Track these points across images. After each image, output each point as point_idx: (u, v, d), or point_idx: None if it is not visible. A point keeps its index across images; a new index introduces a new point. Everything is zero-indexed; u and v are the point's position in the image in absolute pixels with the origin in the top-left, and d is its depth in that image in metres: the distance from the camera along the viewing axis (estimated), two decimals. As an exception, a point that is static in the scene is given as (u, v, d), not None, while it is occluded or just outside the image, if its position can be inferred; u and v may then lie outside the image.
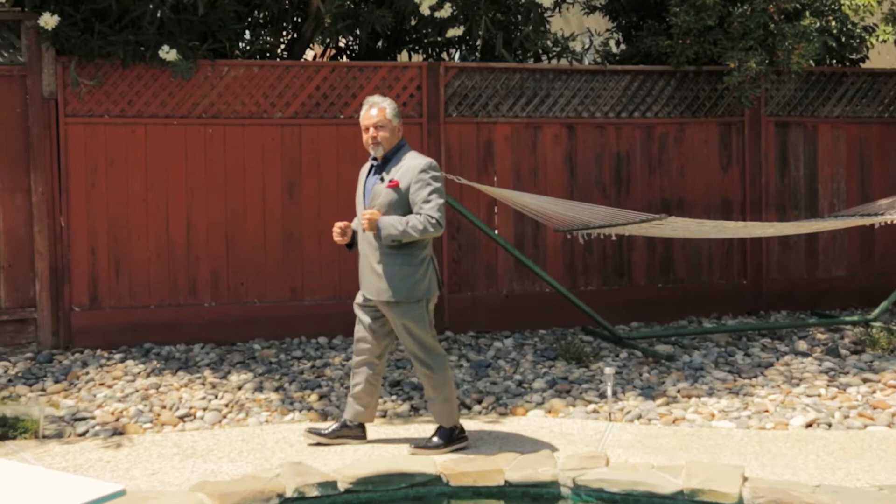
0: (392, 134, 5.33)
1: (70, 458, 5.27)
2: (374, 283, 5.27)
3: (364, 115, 5.35)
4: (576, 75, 8.22)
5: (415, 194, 5.21)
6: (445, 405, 5.44)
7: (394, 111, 5.35)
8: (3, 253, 7.19)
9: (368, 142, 5.31)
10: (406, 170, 5.25)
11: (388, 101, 5.38)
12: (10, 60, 7.21)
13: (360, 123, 5.38)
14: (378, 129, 5.28)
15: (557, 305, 7.91)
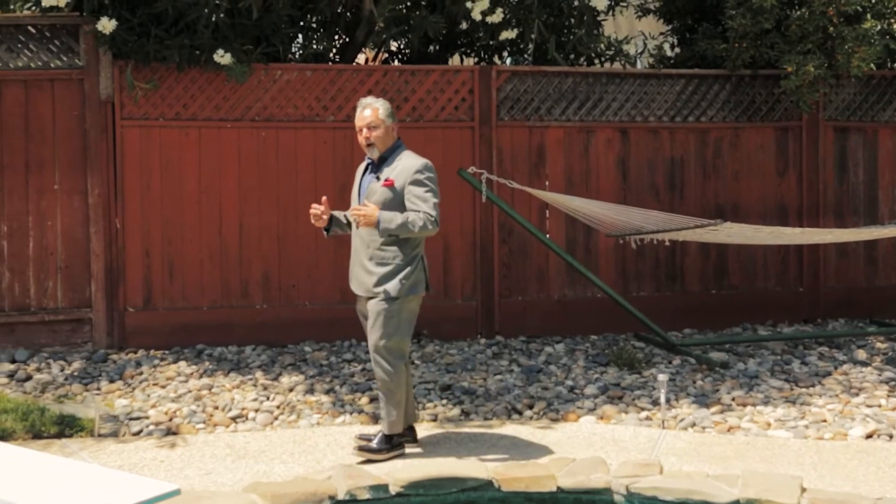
0: (386, 134, 5.33)
1: (125, 456, 5.32)
2: (362, 278, 5.29)
3: (357, 116, 5.37)
4: (629, 79, 8.15)
5: (410, 193, 5.22)
6: (391, 412, 5.37)
7: (387, 112, 5.34)
8: (61, 254, 7.29)
9: (363, 143, 5.33)
10: (402, 169, 5.26)
11: (382, 101, 5.38)
12: (69, 64, 7.31)
13: (355, 125, 5.39)
14: (371, 130, 5.29)
15: (609, 311, 7.83)
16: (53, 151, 7.28)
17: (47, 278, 7.27)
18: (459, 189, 7.77)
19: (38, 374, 6.70)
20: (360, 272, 5.32)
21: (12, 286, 7.21)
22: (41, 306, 7.25)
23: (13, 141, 7.21)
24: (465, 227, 7.88)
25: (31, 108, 7.25)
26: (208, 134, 7.52)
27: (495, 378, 6.82)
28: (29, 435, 5.56)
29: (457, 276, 7.89)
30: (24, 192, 7.24)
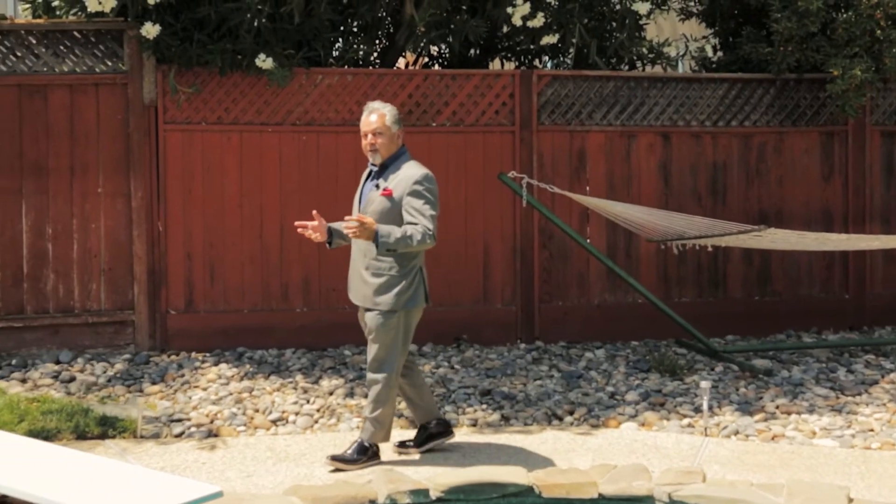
0: (391, 141, 5.27)
1: (167, 458, 5.35)
2: (360, 289, 5.25)
3: (363, 121, 5.30)
4: (671, 83, 8.08)
5: (409, 205, 5.13)
6: (379, 422, 5.31)
7: (394, 118, 5.28)
8: (104, 256, 7.36)
9: (366, 148, 5.28)
10: (402, 179, 5.18)
11: (389, 107, 5.32)
12: (113, 69, 7.39)
13: (360, 129, 5.33)
14: (376, 136, 5.23)
15: (650, 316, 7.77)
16: (97, 155, 7.36)
17: (91, 280, 7.34)
18: (499, 194, 7.76)
19: (81, 375, 6.77)
20: (357, 282, 5.27)
21: (57, 288, 7.29)
22: (85, 308, 7.32)
23: (58, 144, 7.30)
24: (506, 232, 7.85)
25: (76, 112, 7.33)
26: (250, 138, 7.55)
27: (535, 383, 6.79)
28: (73, 435, 5.61)
29: (497, 281, 7.86)
30: (68, 195, 7.32)
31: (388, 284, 5.16)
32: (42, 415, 5.78)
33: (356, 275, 5.28)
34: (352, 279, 5.34)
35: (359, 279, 5.26)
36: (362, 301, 5.25)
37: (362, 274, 5.22)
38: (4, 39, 7.23)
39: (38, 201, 7.26)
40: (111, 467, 4.60)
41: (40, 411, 5.84)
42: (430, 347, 7.56)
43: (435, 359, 7.27)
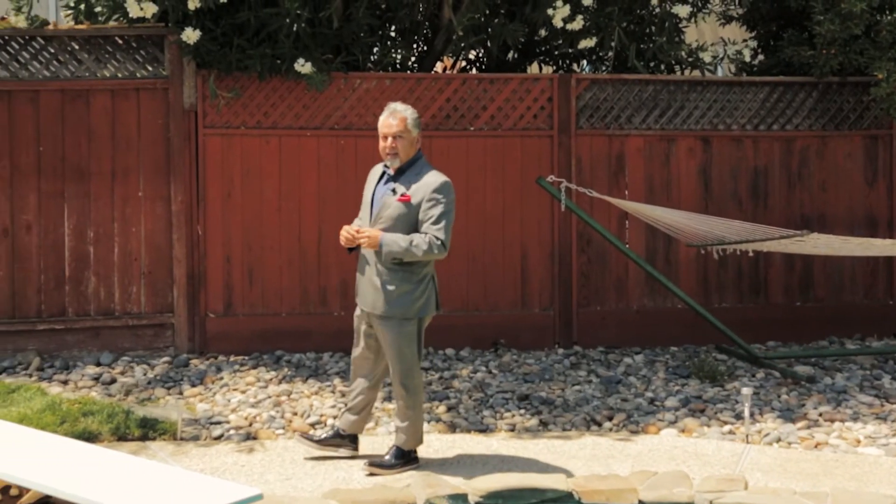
0: (410, 145, 5.14)
1: (207, 460, 5.37)
2: (371, 295, 5.15)
3: (383, 122, 5.15)
4: (711, 87, 8.01)
5: (424, 213, 5.06)
6: (413, 428, 5.27)
7: (414, 121, 5.16)
8: (144, 259, 7.42)
9: (385, 151, 5.14)
10: (421, 186, 5.09)
11: (411, 110, 5.18)
12: (154, 74, 7.45)
13: (379, 131, 5.18)
14: (396, 140, 5.10)
15: (690, 322, 7.70)
16: (138, 159, 7.42)
17: (131, 283, 7.41)
18: (538, 198, 7.73)
19: (122, 377, 6.83)
20: (368, 289, 5.17)
21: (98, 291, 7.36)
22: (125, 311, 7.39)
23: (100, 148, 7.37)
24: (543, 237, 7.82)
25: (117, 116, 7.41)
26: (288, 142, 7.59)
27: (573, 388, 6.75)
28: (114, 437, 5.65)
29: (534, 286, 7.83)
30: (109, 198, 7.39)
31: (402, 292, 5.09)
32: (83, 416, 5.83)
33: (367, 282, 5.17)
34: (361, 284, 5.23)
35: (370, 286, 5.15)
36: (372, 308, 5.13)
37: (374, 281, 5.12)
38: (48, 45, 7.32)
39: (79, 205, 7.34)
40: (152, 469, 4.62)
41: (81, 413, 5.89)
42: (468, 352, 7.54)
43: (472, 363, 7.25)
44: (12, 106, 7.26)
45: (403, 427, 5.26)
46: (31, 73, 7.30)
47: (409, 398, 5.21)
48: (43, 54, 7.33)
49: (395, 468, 5.22)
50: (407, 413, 5.23)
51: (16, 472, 4.45)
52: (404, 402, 5.22)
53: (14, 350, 7.20)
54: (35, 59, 7.31)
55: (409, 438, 5.28)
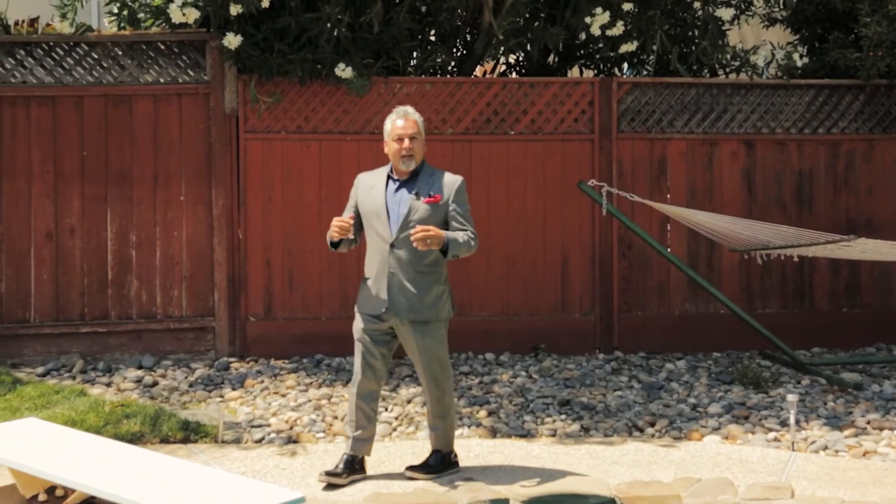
0: (423, 146, 5.12)
1: (248, 463, 5.38)
2: (404, 301, 4.98)
3: (396, 124, 5.07)
4: (755, 90, 7.92)
5: (454, 211, 5.05)
6: (450, 430, 5.22)
7: (423, 124, 5.16)
8: (186, 263, 7.46)
9: (401, 153, 5.02)
10: (444, 185, 5.07)
11: (418, 113, 5.17)
12: (196, 79, 7.50)
13: (390, 133, 5.07)
14: (413, 141, 5.04)
15: (733, 327, 7.61)
16: (180, 163, 7.47)
17: (172, 287, 7.45)
18: (578, 202, 7.68)
19: (163, 380, 6.86)
20: (400, 295, 4.99)
21: (140, 294, 7.41)
22: (166, 314, 7.43)
23: (142, 153, 7.43)
24: (584, 241, 7.76)
25: (159, 121, 7.46)
26: (329, 147, 7.60)
27: (615, 394, 6.68)
28: (157, 439, 5.68)
29: (575, 290, 7.78)
30: (151, 202, 7.44)
31: (437, 295, 5.06)
32: (126, 418, 5.87)
33: (397, 288, 4.99)
34: (386, 292, 5.00)
35: (402, 292, 4.99)
36: (406, 313, 4.99)
37: (405, 285, 4.98)
38: (92, 51, 7.39)
39: (122, 209, 7.40)
40: (195, 471, 4.63)
41: (124, 415, 5.93)
42: (508, 356, 7.50)
43: (512, 368, 7.21)
44: (57, 111, 7.34)
45: (442, 429, 5.21)
46: (75, 78, 7.38)
47: (445, 399, 5.16)
48: (87, 60, 7.40)
49: (438, 472, 5.17)
50: (444, 415, 5.18)
51: (61, 473, 4.49)
52: (440, 405, 5.15)
53: (58, 352, 7.27)
54: (79, 64, 7.39)
55: (449, 440, 5.24)
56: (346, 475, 5.05)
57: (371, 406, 5.14)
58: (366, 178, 5.22)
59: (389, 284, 5.02)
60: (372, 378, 5.13)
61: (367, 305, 5.11)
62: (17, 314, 7.28)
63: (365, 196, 5.14)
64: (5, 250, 7.28)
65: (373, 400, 5.15)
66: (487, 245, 7.68)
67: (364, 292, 5.15)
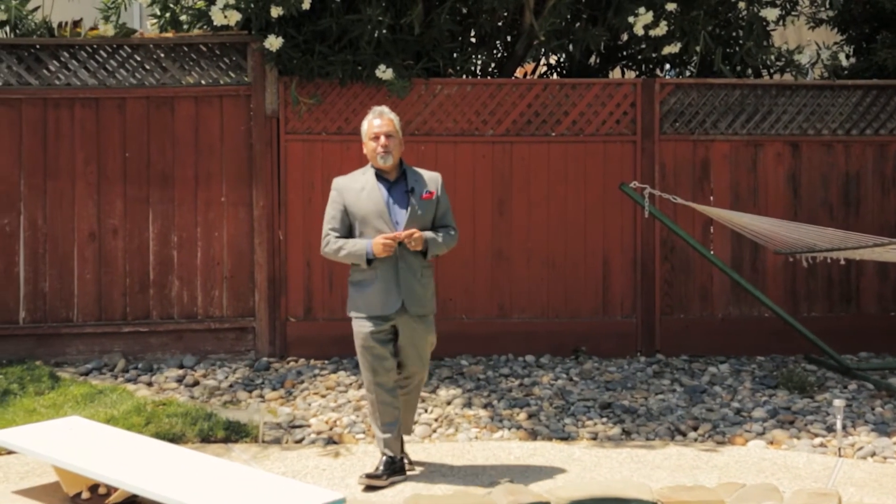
0: (400, 145, 5.22)
1: (289, 463, 5.38)
2: (415, 297, 5.09)
3: (373, 123, 5.19)
4: (801, 91, 7.80)
5: (443, 205, 5.24)
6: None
7: (399, 124, 5.25)
8: (226, 264, 7.49)
9: (377, 150, 5.13)
10: (429, 181, 5.23)
11: (394, 114, 5.27)
12: (237, 81, 7.53)
13: (367, 132, 5.20)
14: (389, 138, 5.14)
15: (777, 331, 7.50)
16: (221, 165, 7.50)
17: (213, 287, 7.48)
18: (620, 204, 7.61)
19: (204, 379, 6.89)
20: (410, 293, 5.07)
21: (181, 295, 7.45)
22: (207, 314, 7.46)
23: (184, 154, 7.47)
24: (626, 244, 7.69)
25: (200, 123, 7.50)
26: (369, 148, 7.57)
27: (657, 397, 6.61)
28: (198, 439, 5.70)
29: (616, 293, 7.71)
30: (192, 203, 7.48)
31: (432, 289, 5.25)
32: (168, 418, 5.89)
33: (408, 287, 5.06)
34: (401, 291, 5.05)
35: (411, 289, 5.07)
36: (418, 308, 5.11)
37: (414, 284, 5.09)
38: (134, 53, 7.45)
39: (164, 210, 7.45)
40: (236, 471, 4.63)
41: (166, 414, 5.95)
42: (548, 359, 7.45)
43: (553, 370, 7.15)
44: (100, 113, 7.41)
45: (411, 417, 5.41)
46: (118, 80, 7.44)
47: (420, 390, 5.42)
48: (130, 62, 7.46)
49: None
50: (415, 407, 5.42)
51: (104, 471, 4.51)
52: (417, 394, 5.37)
53: (100, 351, 7.33)
54: (122, 66, 7.45)
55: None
56: (387, 477, 5.04)
57: (396, 400, 5.17)
58: (348, 182, 5.25)
59: (402, 283, 5.07)
60: (387, 376, 5.14)
61: (373, 308, 5.09)
62: (61, 313, 7.35)
63: (356, 199, 5.17)
64: (49, 250, 7.35)
65: (395, 395, 5.17)
66: (528, 247, 7.64)
67: (365, 296, 5.11)
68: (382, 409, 5.13)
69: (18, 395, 6.36)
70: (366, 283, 5.11)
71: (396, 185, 5.18)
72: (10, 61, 7.31)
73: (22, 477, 5.11)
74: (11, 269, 7.31)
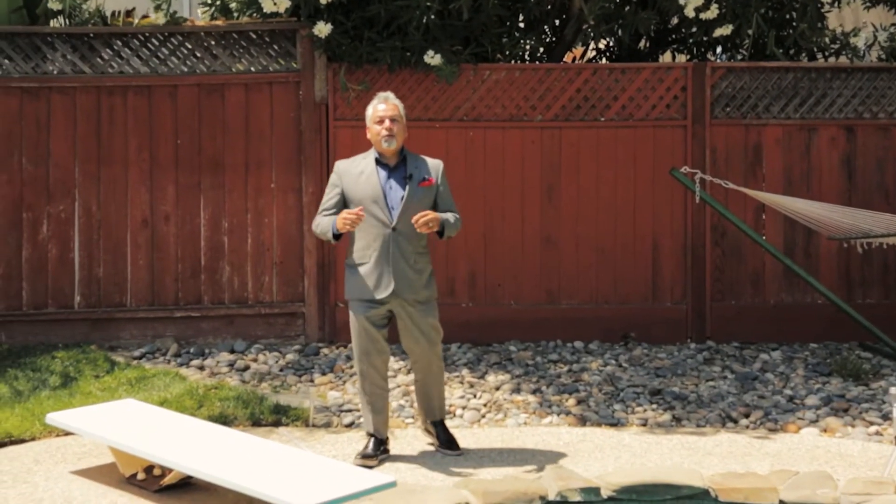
0: (404, 129, 5.25)
1: (338, 447, 5.42)
2: (408, 283, 5.10)
3: (378, 107, 5.23)
4: (856, 74, 7.66)
5: (444, 191, 5.26)
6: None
7: (403, 110, 5.30)
8: (276, 250, 7.55)
9: (381, 133, 5.16)
10: (431, 167, 5.26)
11: (398, 100, 5.31)
12: (286, 68, 7.57)
13: (371, 117, 5.24)
14: (393, 123, 5.17)
15: (830, 318, 7.40)
16: (271, 151, 7.56)
17: (263, 273, 7.55)
18: (670, 189, 7.55)
19: (255, 364, 6.96)
20: (402, 279, 5.08)
21: (232, 280, 7.53)
22: (258, 300, 7.53)
23: (234, 141, 7.54)
24: (676, 229, 7.62)
25: (251, 109, 7.56)
26: (417, 134, 7.56)
27: (707, 384, 6.55)
28: (249, 422, 5.76)
29: (666, 279, 7.65)
30: (243, 190, 7.54)
31: (429, 274, 5.24)
32: (219, 401, 5.96)
33: (400, 272, 5.08)
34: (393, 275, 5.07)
35: (404, 274, 5.09)
36: (412, 293, 5.12)
37: (408, 267, 5.11)
38: (186, 41, 7.52)
39: (214, 196, 7.52)
40: (287, 454, 4.68)
41: (218, 398, 6.02)
42: (597, 345, 7.41)
43: (602, 356, 7.12)
44: (152, 100, 7.50)
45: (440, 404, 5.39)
46: (169, 68, 7.51)
47: (441, 374, 5.39)
48: (181, 50, 7.53)
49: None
50: (441, 388, 5.38)
51: (159, 453, 4.58)
52: (437, 379, 5.34)
53: (153, 336, 7.44)
54: (173, 54, 7.53)
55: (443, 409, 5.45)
56: (377, 457, 5.18)
57: (385, 386, 5.29)
58: (348, 166, 5.30)
59: (394, 268, 5.10)
60: (379, 359, 5.22)
61: (366, 292, 5.13)
62: (115, 298, 7.47)
63: (354, 184, 5.21)
64: (103, 236, 7.46)
65: (385, 380, 5.29)
66: (577, 232, 7.61)
67: (358, 279, 5.16)
68: (371, 391, 5.23)
69: (75, 379, 6.48)
70: (358, 268, 5.16)
71: (396, 170, 5.21)
72: (64, 50, 7.41)
73: (79, 458, 5.21)
74: (67, 254, 7.44)
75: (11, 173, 7.40)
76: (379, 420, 5.24)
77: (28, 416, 5.67)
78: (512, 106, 7.61)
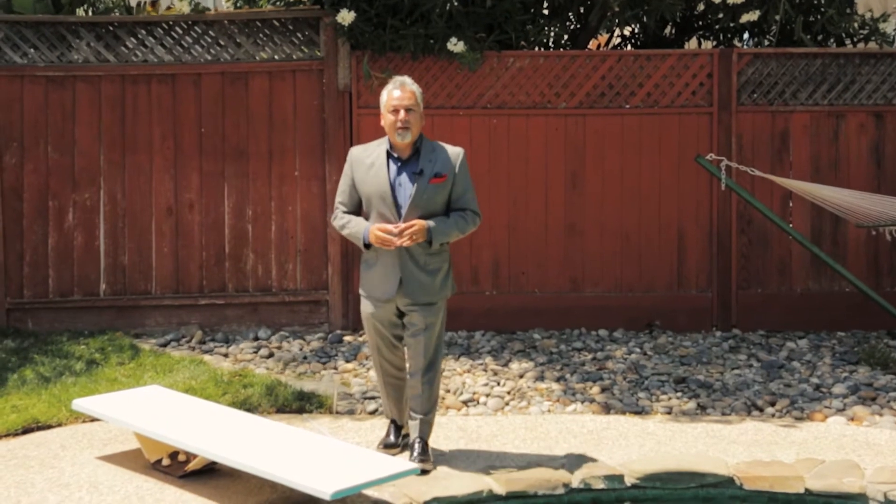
0: (421, 119, 4.84)
1: (362, 434, 5.42)
2: (417, 284, 4.77)
3: (393, 95, 4.80)
4: (886, 59, 7.56)
5: (459, 186, 4.83)
6: (433, 417, 4.94)
7: (421, 96, 4.88)
8: (300, 237, 7.56)
9: (396, 125, 4.76)
10: (445, 160, 4.83)
11: (416, 85, 4.89)
12: (309, 56, 7.57)
13: (386, 104, 4.82)
14: (408, 113, 4.76)
15: (858, 306, 7.32)
16: (294, 139, 7.56)
17: (287, 261, 7.56)
18: (696, 177, 7.49)
19: (278, 351, 6.98)
20: (412, 279, 4.78)
21: (256, 268, 7.55)
22: (281, 287, 7.55)
23: (258, 129, 7.55)
24: (701, 216, 7.56)
25: (274, 98, 7.56)
26: (441, 122, 7.57)
27: (733, 372, 6.51)
28: (273, 409, 5.78)
29: (691, 266, 7.59)
30: (266, 178, 7.56)
31: (444, 274, 4.87)
32: (244, 388, 5.98)
33: (408, 273, 4.78)
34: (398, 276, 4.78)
35: (412, 276, 4.78)
36: (420, 296, 4.79)
37: (417, 268, 4.78)
38: (209, 30, 7.53)
39: (238, 184, 7.54)
40: (311, 440, 4.69)
41: (242, 385, 6.05)
42: (622, 333, 7.38)
43: (627, 344, 7.09)
44: (176, 89, 7.51)
45: (429, 417, 4.92)
46: (193, 56, 7.53)
47: (434, 387, 4.91)
48: (204, 38, 7.55)
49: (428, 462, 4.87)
50: (434, 400, 4.92)
51: (184, 439, 4.60)
52: (431, 387, 4.88)
53: (178, 323, 7.47)
54: (197, 43, 7.54)
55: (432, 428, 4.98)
56: (398, 444, 5.03)
57: (402, 375, 5.01)
58: (362, 155, 4.94)
59: (402, 269, 4.79)
60: (392, 353, 4.98)
61: (376, 289, 4.86)
62: (140, 286, 7.51)
63: (364, 175, 4.86)
64: (128, 224, 7.50)
65: (401, 369, 5.02)
66: (601, 220, 7.57)
67: (370, 276, 4.90)
68: (387, 381, 5.03)
69: (101, 365, 6.52)
70: (370, 264, 4.90)
71: (408, 164, 4.83)
72: (89, 39, 7.45)
73: (105, 443, 5.24)
74: (92, 242, 7.48)
75: (37, 162, 7.45)
76: (399, 408, 5.12)
77: (54, 403, 5.72)
78: (536, 93, 7.57)
